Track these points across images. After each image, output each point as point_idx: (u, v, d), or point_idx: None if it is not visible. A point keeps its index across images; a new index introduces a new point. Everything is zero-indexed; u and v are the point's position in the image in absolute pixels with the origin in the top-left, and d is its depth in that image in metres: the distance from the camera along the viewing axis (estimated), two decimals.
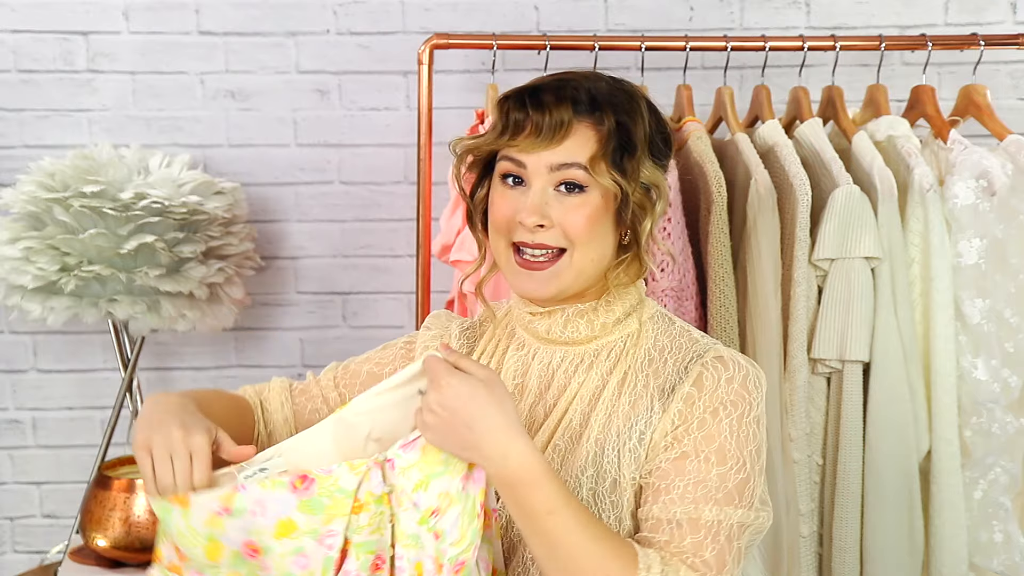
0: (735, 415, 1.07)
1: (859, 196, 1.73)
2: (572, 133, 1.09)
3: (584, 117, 1.10)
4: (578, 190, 1.10)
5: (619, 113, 1.11)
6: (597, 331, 1.16)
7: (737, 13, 2.26)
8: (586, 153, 1.09)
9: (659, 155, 1.14)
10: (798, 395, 1.76)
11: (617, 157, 1.09)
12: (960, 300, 1.77)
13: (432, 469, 1.02)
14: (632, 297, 1.17)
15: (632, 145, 1.10)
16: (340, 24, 2.24)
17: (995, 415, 1.77)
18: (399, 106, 2.26)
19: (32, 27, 2.21)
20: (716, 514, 1.05)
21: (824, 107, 1.96)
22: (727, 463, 1.06)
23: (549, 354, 1.17)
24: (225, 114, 2.26)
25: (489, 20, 2.23)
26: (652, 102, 1.17)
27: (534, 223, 1.10)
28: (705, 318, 1.81)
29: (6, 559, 2.35)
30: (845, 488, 1.76)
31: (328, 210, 2.29)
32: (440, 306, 2.14)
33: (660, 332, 1.16)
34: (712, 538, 1.04)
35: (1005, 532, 1.79)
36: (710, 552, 1.03)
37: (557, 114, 1.09)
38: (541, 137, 1.09)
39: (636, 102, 1.13)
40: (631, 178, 1.09)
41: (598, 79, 1.14)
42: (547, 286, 1.12)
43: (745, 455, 1.07)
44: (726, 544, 1.04)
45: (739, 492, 1.06)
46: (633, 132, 1.10)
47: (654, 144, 1.13)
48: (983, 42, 1.90)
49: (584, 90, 1.11)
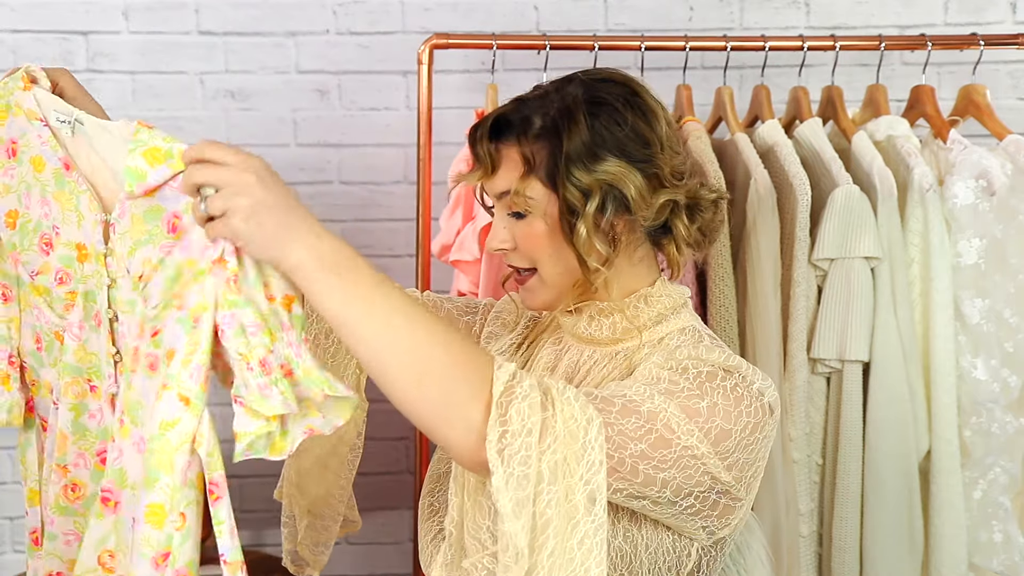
0: (705, 371, 1.04)
1: (859, 196, 1.74)
2: (502, 161, 1.14)
3: (509, 143, 1.13)
4: (519, 216, 1.14)
5: (546, 129, 1.11)
6: (619, 333, 1.16)
7: (737, 13, 2.26)
8: (513, 178, 1.12)
9: (612, 153, 1.10)
10: (798, 395, 1.76)
11: (547, 173, 1.11)
12: (960, 300, 1.77)
13: (138, 237, 1.03)
14: (662, 305, 1.16)
15: (558, 158, 1.09)
16: (340, 24, 2.24)
17: (995, 415, 1.77)
18: (399, 106, 2.26)
19: (32, 27, 2.21)
20: (645, 394, 0.99)
21: (824, 107, 1.96)
22: (679, 384, 1.02)
23: (579, 352, 1.19)
24: (225, 114, 2.26)
25: (489, 20, 2.23)
26: (619, 101, 1.13)
27: (494, 249, 1.16)
28: (705, 318, 1.81)
29: (6, 559, 2.35)
30: (845, 488, 1.76)
31: (328, 210, 2.29)
32: None
33: (683, 345, 1.13)
34: (627, 400, 0.99)
35: (1005, 532, 1.79)
36: (619, 403, 0.98)
37: (484, 146, 1.14)
38: (481, 170, 1.15)
39: (572, 112, 1.10)
40: (562, 189, 1.09)
41: (546, 94, 1.14)
42: (532, 298, 1.17)
43: (709, 399, 1.01)
44: (646, 418, 0.98)
45: (691, 412, 1.00)
46: (560, 144, 1.09)
47: (601, 145, 1.10)
48: (983, 42, 1.89)
49: (518, 113, 1.13)
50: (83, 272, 1.12)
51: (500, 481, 0.90)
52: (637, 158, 1.11)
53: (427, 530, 1.19)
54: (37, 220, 1.14)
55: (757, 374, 1.07)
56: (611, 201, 1.09)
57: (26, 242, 1.14)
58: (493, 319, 1.33)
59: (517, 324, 1.31)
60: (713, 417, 1.01)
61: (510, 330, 1.31)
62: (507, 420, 0.92)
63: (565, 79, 1.17)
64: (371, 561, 2.38)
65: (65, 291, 1.12)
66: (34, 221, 1.14)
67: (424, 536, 1.20)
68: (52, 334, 1.15)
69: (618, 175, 1.09)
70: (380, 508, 2.29)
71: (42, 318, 1.15)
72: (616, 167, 1.09)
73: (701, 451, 1.00)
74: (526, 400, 0.93)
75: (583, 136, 1.10)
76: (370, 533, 2.29)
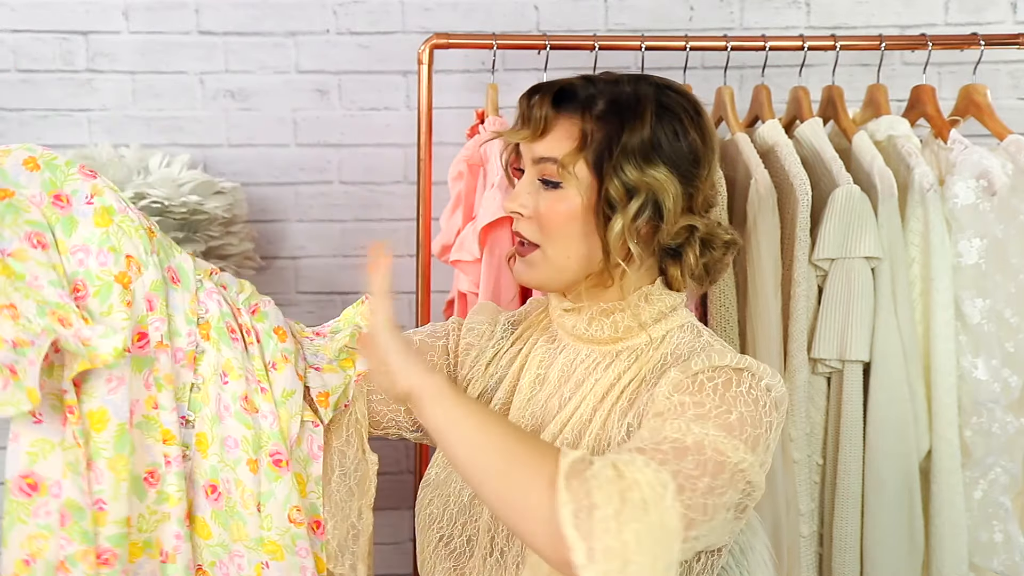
0: (720, 380, 1.05)
1: (859, 196, 1.73)
2: (554, 128, 1.13)
3: (570, 114, 1.12)
4: (553, 186, 1.12)
5: (610, 113, 1.11)
6: (621, 333, 1.16)
7: (737, 13, 2.26)
8: (563, 149, 1.11)
9: (665, 161, 1.11)
10: (798, 395, 1.76)
11: (596, 156, 1.10)
12: (960, 300, 1.77)
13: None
14: (663, 304, 1.17)
15: (614, 146, 1.09)
16: (340, 24, 2.24)
17: (995, 415, 1.77)
18: (399, 106, 2.26)
19: (32, 27, 2.21)
20: (683, 429, 1.00)
21: (824, 107, 1.96)
22: (706, 406, 1.02)
23: (575, 351, 1.19)
24: (225, 114, 2.26)
25: (489, 20, 2.23)
26: (685, 114, 1.14)
27: (510, 209, 1.16)
28: (705, 318, 1.81)
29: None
30: (845, 488, 1.76)
31: (328, 210, 2.29)
32: (440, 306, 2.14)
33: (684, 342, 1.15)
34: (672, 443, 0.98)
35: (1005, 532, 1.79)
36: (667, 446, 0.98)
37: (541, 109, 1.13)
38: (528, 129, 1.14)
39: (641, 105, 1.11)
40: (607, 177, 1.09)
41: (618, 81, 1.14)
42: (526, 273, 1.16)
43: (736, 411, 1.02)
44: (696, 450, 0.98)
45: (728, 428, 1.01)
46: (620, 134, 1.09)
47: (658, 149, 1.10)
48: (983, 42, 1.89)
49: (585, 89, 1.13)
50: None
51: (582, 558, 0.89)
52: (685, 174, 1.12)
53: (428, 540, 1.19)
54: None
55: (765, 371, 1.08)
56: (649, 206, 1.10)
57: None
58: (467, 332, 1.32)
59: (493, 333, 1.31)
60: (744, 426, 1.02)
61: (487, 339, 1.31)
62: (583, 496, 0.91)
63: (636, 76, 1.17)
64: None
65: None
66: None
67: (426, 546, 1.19)
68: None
69: (664, 184, 1.10)
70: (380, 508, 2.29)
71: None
72: (665, 175, 1.10)
73: (747, 462, 1.01)
74: (598, 477, 0.92)
75: (644, 134, 1.10)
76: None
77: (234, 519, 1.11)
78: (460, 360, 1.31)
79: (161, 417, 1.09)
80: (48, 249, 1.02)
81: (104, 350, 1.00)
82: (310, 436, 1.19)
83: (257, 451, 1.13)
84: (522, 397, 1.22)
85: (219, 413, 1.11)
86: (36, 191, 1.04)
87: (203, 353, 1.12)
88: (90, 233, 1.04)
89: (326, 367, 1.21)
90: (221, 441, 1.11)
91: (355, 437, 1.26)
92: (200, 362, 1.12)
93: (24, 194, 1.03)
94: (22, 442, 1.02)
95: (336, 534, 1.22)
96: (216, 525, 1.12)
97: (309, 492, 1.19)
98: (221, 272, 1.20)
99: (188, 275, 1.13)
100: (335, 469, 1.24)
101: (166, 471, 1.08)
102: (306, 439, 1.19)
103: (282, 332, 1.19)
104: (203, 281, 1.15)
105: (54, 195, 1.05)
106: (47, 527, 1.01)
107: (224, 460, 1.11)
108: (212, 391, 1.11)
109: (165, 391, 1.09)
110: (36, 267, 1.00)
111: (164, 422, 1.09)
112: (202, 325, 1.13)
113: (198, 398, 1.11)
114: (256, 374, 1.15)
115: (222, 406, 1.12)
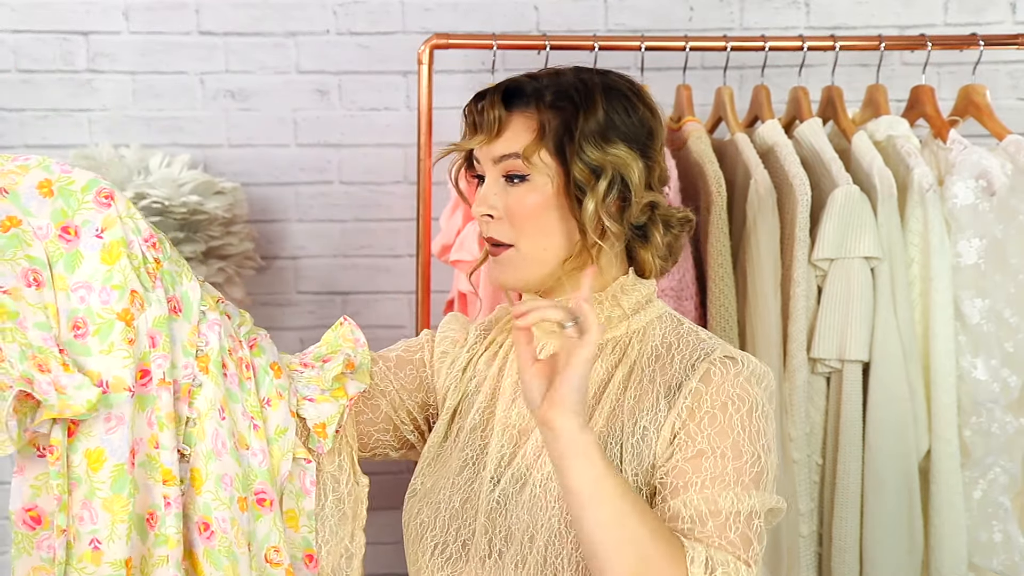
0: (744, 409, 1.08)
1: (859, 196, 1.74)
2: (509, 126, 1.15)
3: (522, 110, 1.15)
4: (519, 180, 1.14)
5: (561, 101, 1.13)
6: (601, 323, 1.16)
7: (737, 13, 2.27)
8: (523, 142, 1.14)
9: (622, 139, 1.14)
10: (798, 395, 1.76)
11: (556, 143, 1.13)
12: (960, 300, 1.77)
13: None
14: (639, 294, 1.19)
15: (573, 130, 1.12)
16: (340, 24, 2.24)
17: (995, 415, 1.77)
18: (399, 106, 2.26)
19: (32, 27, 2.22)
20: (734, 501, 1.05)
21: (824, 107, 1.96)
22: (742, 457, 1.07)
23: (556, 348, 1.18)
24: (225, 114, 2.26)
25: (489, 20, 2.23)
26: (630, 92, 1.17)
27: (480, 212, 1.16)
28: (705, 318, 1.81)
29: (6, 559, 2.35)
30: (845, 488, 1.76)
31: (328, 210, 2.29)
32: (440, 306, 2.14)
33: (668, 331, 1.18)
34: (733, 520, 1.04)
35: (1005, 532, 1.79)
36: (734, 533, 1.04)
37: (492, 110, 1.15)
38: (482, 133, 1.16)
39: (590, 92, 1.14)
40: (572, 161, 1.12)
41: (560, 73, 1.18)
42: (504, 273, 1.17)
43: (759, 448, 1.08)
44: (746, 525, 1.05)
45: (755, 481, 1.07)
46: (576, 118, 1.12)
47: (614, 128, 1.13)
48: (983, 42, 1.89)
49: (531, 84, 1.16)
50: None
51: None
52: (643, 148, 1.15)
53: (423, 549, 1.18)
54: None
55: (751, 361, 1.12)
56: (617, 183, 1.13)
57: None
58: (440, 340, 1.32)
59: (466, 340, 1.31)
60: (770, 458, 1.09)
61: (460, 346, 1.31)
62: None
63: (576, 67, 1.19)
64: (371, 561, 2.37)
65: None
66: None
67: (420, 555, 1.18)
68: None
69: (626, 160, 1.13)
70: (380, 508, 2.29)
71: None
72: (626, 152, 1.13)
73: (772, 500, 1.10)
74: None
75: (599, 115, 1.13)
76: (369, 533, 2.28)
77: (229, 559, 1.09)
78: (436, 369, 1.30)
79: (162, 457, 1.07)
80: (43, 288, 1.01)
81: (77, 401, 0.99)
82: (302, 472, 1.19)
83: (245, 489, 1.12)
84: (506, 399, 1.22)
85: (216, 449, 1.09)
86: (44, 222, 1.03)
87: (200, 387, 1.10)
88: (94, 270, 1.03)
89: (319, 397, 1.20)
90: (218, 478, 1.09)
91: (347, 461, 1.26)
92: (196, 396, 1.09)
93: (31, 224, 1.02)
94: (27, 475, 1.02)
95: (330, 559, 1.22)
96: (208, 564, 1.10)
97: (302, 527, 1.19)
98: (226, 302, 1.19)
99: (192, 305, 1.12)
100: (328, 495, 1.24)
101: (165, 513, 1.07)
102: (298, 475, 1.19)
103: (277, 368, 1.18)
104: (206, 312, 1.13)
105: (62, 227, 1.03)
106: (49, 560, 1.02)
107: (219, 498, 1.09)
108: (208, 426, 1.09)
109: (167, 430, 1.07)
110: (26, 307, 0.99)
111: (164, 462, 1.07)
112: (200, 358, 1.11)
113: (193, 432, 1.09)
114: (250, 410, 1.14)
115: (219, 442, 1.10)
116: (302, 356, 1.26)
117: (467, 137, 1.19)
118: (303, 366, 1.23)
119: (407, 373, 1.30)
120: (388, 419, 1.29)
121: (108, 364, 1.03)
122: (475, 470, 1.19)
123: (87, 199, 1.04)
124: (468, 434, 1.23)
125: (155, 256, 1.08)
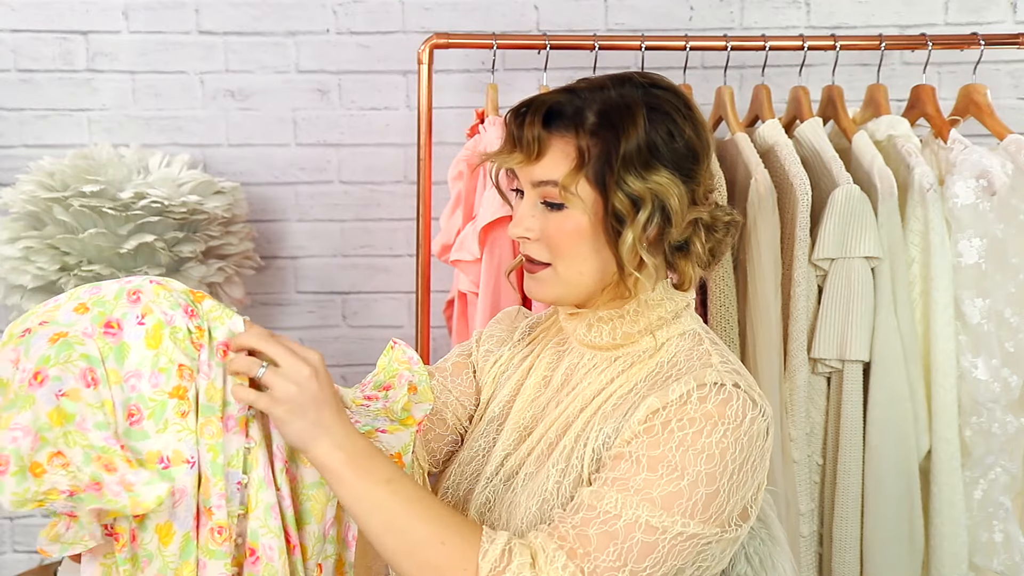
0: (691, 431, 1.03)
1: (859, 196, 1.73)
2: (549, 149, 1.11)
3: (562, 132, 1.10)
4: (556, 207, 1.11)
5: (603, 126, 1.09)
6: (619, 339, 1.16)
7: (737, 13, 2.26)
8: (562, 170, 1.09)
9: (665, 164, 1.09)
10: (798, 395, 1.76)
11: (596, 172, 1.09)
12: (960, 300, 1.77)
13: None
14: (664, 309, 1.15)
15: (613, 158, 1.08)
16: (340, 24, 2.24)
17: (995, 415, 1.77)
18: (399, 106, 2.26)
19: (32, 27, 2.21)
20: (620, 505, 1.01)
21: (824, 107, 1.96)
22: (658, 471, 1.02)
23: (579, 355, 1.20)
24: (225, 114, 2.26)
25: (489, 20, 2.23)
26: (675, 111, 1.12)
27: (516, 235, 1.14)
28: (705, 318, 1.81)
29: (6, 559, 2.35)
30: (845, 488, 1.76)
31: (328, 210, 2.29)
32: (440, 306, 2.14)
33: (682, 350, 1.14)
34: (603, 520, 1.00)
35: (1005, 532, 1.79)
36: (592, 529, 1.00)
37: (532, 131, 1.10)
38: (521, 153, 1.11)
39: (631, 111, 1.09)
40: (611, 191, 1.08)
41: (603, 87, 1.12)
42: (542, 290, 1.15)
43: (696, 473, 1.01)
44: (624, 533, 1.00)
45: (669, 502, 1.01)
46: (617, 145, 1.08)
47: (656, 154, 1.09)
48: (983, 42, 1.89)
49: (572, 103, 1.11)
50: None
51: None
52: (685, 172, 1.11)
53: None
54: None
55: (754, 392, 1.07)
56: (657, 213, 1.09)
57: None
58: (486, 339, 1.34)
59: (511, 338, 1.33)
60: (696, 488, 1.01)
61: (504, 344, 1.32)
62: None
63: (620, 77, 1.15)
64: None
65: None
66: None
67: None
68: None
69: (668, 187, 1.09)
70: None
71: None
72: (668, 179, 1.09)
73: (692, 530, 1.01)
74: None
75: (640, 141, 1.08)
76: None
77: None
78: (481, 367, 1.32)
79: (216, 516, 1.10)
80: (99, 386, 1.03)
81: (147, 498, 1.01)
82: (347, 523, 1.19)
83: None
84: (525, 398, 1.23)
85: (267, 479, 1.10)
86: (87, 325, 1.05)
87: (254, 417, 1.10)
88: (141, 357, 1.05)
89: (391, 428, 1.21)
90: (267, 507, 1.09)
91: (419, 480, 1.26)
92: (251, 425, 1.10)
93: (77, 330, 1.04)
94: (96, 552, 1.05)
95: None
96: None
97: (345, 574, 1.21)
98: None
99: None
100: None
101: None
102: (344, 521, 1.19)
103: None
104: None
105: (105, 323, 1.05)
106: None
107: (267, 526, 1.10)
108: (261, 456, 1.10)
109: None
110: (85, 408, 1.01)
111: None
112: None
113: (250, 459, 1.10)
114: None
115: (269, 472, 1.11)
116: (362, 388, 1.25)
117: (506, 149, 1.14)
118: (367, 399, 1.24)
119: (464, 378, 1.31)
120: (455, 430, 1.30)
121: (165, 441, 1.05)
122: (481, 463, 1.21)
123: (121, 301, 1.07)
124: (486, 425, 1.25)
125: (196, 324, 1.08)
